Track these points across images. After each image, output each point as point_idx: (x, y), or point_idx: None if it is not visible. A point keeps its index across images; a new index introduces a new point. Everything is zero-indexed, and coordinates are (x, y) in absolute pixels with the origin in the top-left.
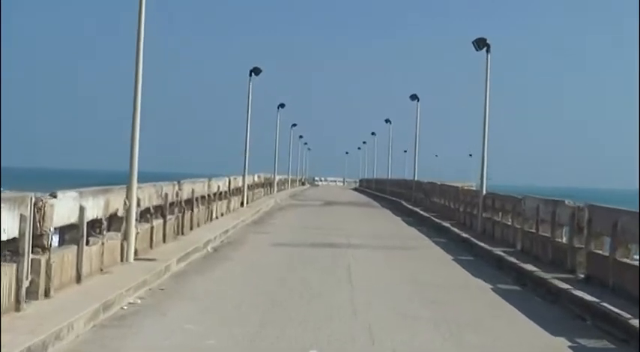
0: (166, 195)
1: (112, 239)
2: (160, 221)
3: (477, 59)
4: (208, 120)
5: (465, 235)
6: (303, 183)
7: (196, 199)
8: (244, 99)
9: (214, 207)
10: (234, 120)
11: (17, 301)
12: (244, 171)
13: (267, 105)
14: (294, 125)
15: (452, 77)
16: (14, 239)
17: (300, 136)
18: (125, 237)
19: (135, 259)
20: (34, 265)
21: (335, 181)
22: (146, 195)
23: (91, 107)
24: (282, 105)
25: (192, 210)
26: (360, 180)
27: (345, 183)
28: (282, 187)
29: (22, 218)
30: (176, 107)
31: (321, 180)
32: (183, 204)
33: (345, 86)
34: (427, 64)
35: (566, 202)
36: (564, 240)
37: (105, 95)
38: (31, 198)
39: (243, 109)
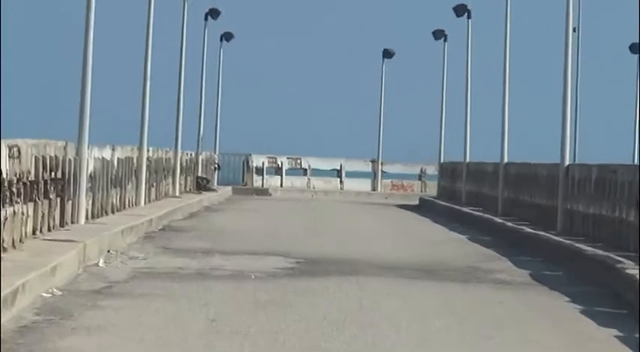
0: None
1: None
2: None
3: None
4: None
5: None
6: (201, 184)
7: None
8: None
9: None
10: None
11: None
12: None
13: None
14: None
15: None
16: None
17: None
18: None
19: None
20: None
21: (340, 174)
22: None
23: None
24: None
25: None
26: (442, 170)
27: (381, 189)
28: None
29: None
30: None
31: (279, 169)
32: None
33: None
34: None
35: None
36: None
37: None
38: None
39: None
